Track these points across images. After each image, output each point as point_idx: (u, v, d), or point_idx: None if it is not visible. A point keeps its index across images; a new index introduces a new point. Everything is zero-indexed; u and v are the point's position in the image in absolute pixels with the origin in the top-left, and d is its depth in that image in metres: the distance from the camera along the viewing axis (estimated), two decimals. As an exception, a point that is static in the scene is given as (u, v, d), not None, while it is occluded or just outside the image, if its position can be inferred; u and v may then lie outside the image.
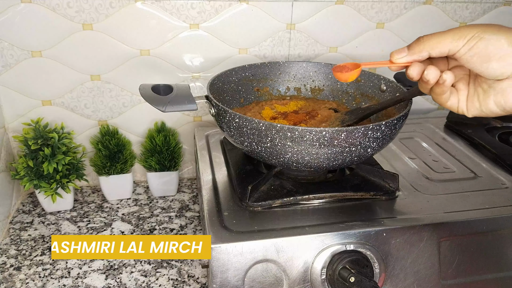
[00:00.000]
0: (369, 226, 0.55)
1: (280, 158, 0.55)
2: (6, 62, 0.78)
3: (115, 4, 0.76)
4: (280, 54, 0.88)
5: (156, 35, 0.81)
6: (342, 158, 0.54)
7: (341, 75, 0.48)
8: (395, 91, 0.68)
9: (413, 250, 0.56)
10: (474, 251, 0.58)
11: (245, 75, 0.75)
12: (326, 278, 0.54)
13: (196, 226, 0.81)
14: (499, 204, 0.62)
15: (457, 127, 0.86)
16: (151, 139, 0.85)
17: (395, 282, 0.56)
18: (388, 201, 0.62)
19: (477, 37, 0.37)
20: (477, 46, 0.37)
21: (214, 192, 0.63)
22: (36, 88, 0.81)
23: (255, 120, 0.53)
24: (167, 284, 0.67)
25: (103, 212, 0.84)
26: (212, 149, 0.76)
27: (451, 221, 0.57)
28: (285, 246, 0.53)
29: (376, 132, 0.53)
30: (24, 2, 0.74)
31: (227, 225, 0.55)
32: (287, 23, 0.85)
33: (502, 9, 0.93)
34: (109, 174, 0.83)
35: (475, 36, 0.37)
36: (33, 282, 0.66)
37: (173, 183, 0.88)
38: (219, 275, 0.52)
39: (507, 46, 0.36)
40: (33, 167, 0.75)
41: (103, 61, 0.81)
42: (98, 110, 0.86)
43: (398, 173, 0.67)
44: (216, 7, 0.80)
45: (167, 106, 0.56)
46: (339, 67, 0.49)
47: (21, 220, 0.81)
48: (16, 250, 0.73)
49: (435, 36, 0.40)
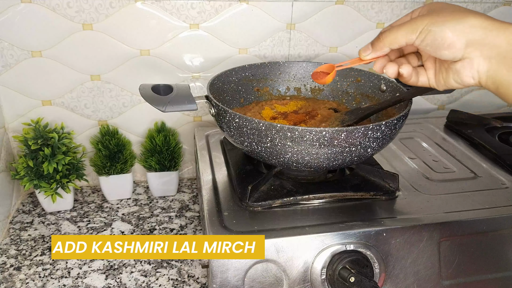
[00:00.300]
0: (369, 226, 0.55)
1: (280, 158, 0.55)
2: (6, 62, 0.78)
3: (115, 4, 0.76)
4: (280, 54, 0.88)
5: (156, 35, 0.81)
6: (342, 158, 0.54)
7: (319, 81, 0.55)
8: (395, 91, 0.68)
9: (413, 250, 0.56)
10: (474, 251, 0.58)
11: (245, 75, 0.75)
12: (326, 278, 0.54)
13: (196, 226, 0.81)
14: (499, 204, 0.62)
15: (457, 127, 0.86)
16: (151, 139, 0.85)
17: (395, 282, 0.56)
18: (388, 201, 0.62)
19: (426, 30, 0.41)
20: (427, 39, 0.42)
21: (214, 192, 0.63)
22: (36, 88, 0.81)
23: (255, 120, 0.53)
24: (167, 284, 0.67)
25: (103, 212, 0.84)
26: (212, 149, 0.76)
27: (451, 221, 0.57)
28: (285, 246, 0.53)
29: (376, 132, 0.53)
30: (24, 2, 0.74)
31: (227, 225, 0.55)
32: (287, 23, 0.85)
33: (502, 9, 0.93)
34: (109, 174, 0.83)
35: (424, 29, 0.41)
36: (33, 282, 0.66)
37: (173, 183, 0.88)
38: (219, 275, 0.52)
39: (451, 35, 0.40)
40: (33, 167, 0.75)
41: (103, 61, 0.81)
42: (98, 110, 0.86)
43: (398, 173, 0.67)
44: (216, 7, 0.80)
45: (167, 106, 0.56)
46: (316, 74, 0.55)
47: (21, 220, 0.81)
48: (16, 250, 0.73)
49: (392, 32, 0.44)
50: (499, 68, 0.39)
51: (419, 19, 0.42)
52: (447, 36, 0.40)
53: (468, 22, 0.39)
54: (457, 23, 0.40)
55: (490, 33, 0.39)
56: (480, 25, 0.39)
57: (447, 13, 0.41)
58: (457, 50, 0.41)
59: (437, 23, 0.40)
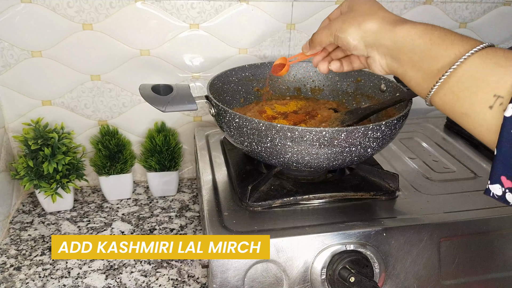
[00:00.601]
0: (369, 226, 0.55)
1: (280, 158, 0.55)
2: (6, 62, 0.78)
3: (115, 4, 0.76)
4: (280, 54, 0.88)
5: (156, 35, 0.81)
6: (342, 158, 0.54)
7: (277, 74, 0.63)
8: (395, 91, 0.68)
9: (413, 250, 0.56)
10: (474, 251, 0.58)
11: (245, 75, 0.75)
12: (326, 278, 0.54)
13: (196, 226, 0.81)
14: (499, 204, 0.61)
15: (457, 127, 0.86)
16: (151, 139, 0.85)
17: (395, 282, 0.56)
18: (388, 201, 0.62)
19: (336, 36, 0.49)
20: (339, 42, 0.49)
21: (214, 192, 0.63)
22: (36, 88, 0.81)
23: (255, 120, 0.53)
24: (167, 284, 0.67)
25: (103, 212, 0.84)
26: (212, 149, 0.76)
27: (451, 221, 0.57)
28: (285, 246, 0.53)
29: (376, 132, 0.53)
30: (24, 2, 0.74)
31: (227, 225, 0.55)
32: (287, 23, 0.85)
33: (502, 9, 0.93)
34: (109, 174, 0.83)
35: (335, 34, 0.49)
36: (33, 282, 0.66)
37: (173, 183, 0.88)
38: (219, 275, 0.52)
39: (352, 41, 0.47)
40: (33, 167, 0.75)
41: (103, 61, 0.81)
42: (98, 110, 0.86)
43: (398, 173, 0.67)
44: (216, 7, 0.80)
45: (167, 106, 0.56)
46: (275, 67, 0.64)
47: (21, 220, 0.81)
48: (16, 250, 0.73)
49: (318, 34, 0.52)
50: (393, 63, 0.46)
51: (334, 22, 0.49)
52: (350, 41, 0.48)
53: (364, 27, 0.46)
54: (356, 29, 0.47)
55: (379, 35, 0.45)
56: (373, 29, 0.46)
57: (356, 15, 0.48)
58: (361, 51, 0.48)
59: (342, 30, 0.48)
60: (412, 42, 0.42)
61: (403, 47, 0.43)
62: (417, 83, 0.43)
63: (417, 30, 0.43)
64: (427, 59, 0.41)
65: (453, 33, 0.41)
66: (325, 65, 0.57)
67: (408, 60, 0.43)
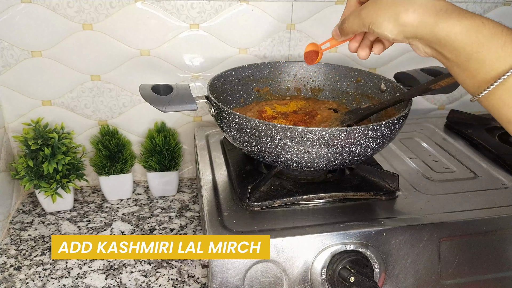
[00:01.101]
0: (369, 226, 0.55)
1: (280, 158, 0.55)
2: (6, 62, 0.78)
3: (115, 4, 0.76)
4: (280, 54, 0.88)
5: (156, 35, 0.81)
6: (342, 158, 0.54)
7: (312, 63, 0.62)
8: (395, 91, 0.68)
9: (413, 250, 0.56)
10: (474, 251, 0.58)
11: (245, 75, 0.75)
12: (326, 278, 0.54)
13: (196, 226, 0.81)
14: (499, 204, 0.62)
15: (457, 127, 0.86)
16: (151, 139, 0.85)
17: (395, 282, 0.56)
18: (388, 201, 0.62)
19: (371, 29, 0.46)
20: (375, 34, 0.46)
21: (214, 192, 0.63)
22: (36, 88, 0.81)
23: (255, 120, 0.53)
24: (167, 284, 0.67)
25: (103, 212, 0.84)
26: (212, 149, 0.76)
27: (451, 221, 0.57)
28: (285, 246, 0.53)
29: (376, 132, 0.53)
30: (24, 2, 0.74)
31: (227, 225, 0.55)
32: (287, 23, 0.85)
33: (502, 9, 0.93)
34: (109, 174, 0.83)
35: (370, 27, 0.46)
36: (33, 282, 0.66)
37: (173, 183, 0.88)
38: (219, 275, 0.52)
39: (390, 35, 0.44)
40: (33, 167, 0.75)
41: (103, 61, 0.81)
42: (98, 110, 0.86)
43: (398, 173, 0.67)
44: (216, 7, 0.80)
45: (167, 106, 0.56)
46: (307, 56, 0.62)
47: (21, 220, 0.81)
48: (16, 250, 0.73)
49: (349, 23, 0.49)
50: (438, 56, 0.43)
51: (365, 12, 0.46)
52: (388, 36, 0.45)
53: (401, 21, 0.43)
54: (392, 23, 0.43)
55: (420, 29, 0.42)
56: (412, 22, 0.42)
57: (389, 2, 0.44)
58: (401, 41, 0.45)
59: (377, 25, 0.45)
60: (457, 42, 0.39)
61: (447, 44, 0.40)
62: (463, 81, 0.41)
63: (462, 28, 0.39)
64: (473, 61, 0.39)
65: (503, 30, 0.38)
66: (366, 51, 0.54)
67: (453, 58, 0.41)
